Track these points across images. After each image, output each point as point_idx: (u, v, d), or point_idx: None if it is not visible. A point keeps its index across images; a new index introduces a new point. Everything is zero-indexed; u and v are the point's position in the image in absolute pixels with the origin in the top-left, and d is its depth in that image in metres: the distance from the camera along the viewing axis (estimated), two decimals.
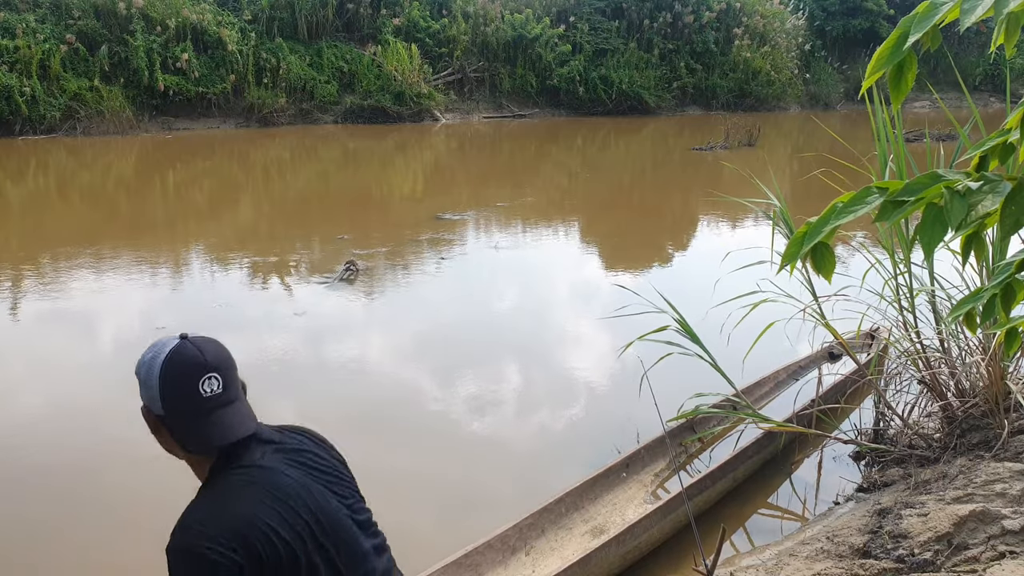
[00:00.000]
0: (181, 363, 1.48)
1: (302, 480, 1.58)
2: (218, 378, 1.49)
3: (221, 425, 1.48)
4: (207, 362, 1.49)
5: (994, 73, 25.66)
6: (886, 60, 1.20)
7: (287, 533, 1.47)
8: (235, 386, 1.55)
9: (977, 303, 1.33)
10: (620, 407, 4.56)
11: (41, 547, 3.48)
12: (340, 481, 1.68)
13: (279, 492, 1.52)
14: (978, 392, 3.80)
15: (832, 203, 1.23)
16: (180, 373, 1.47)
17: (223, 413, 1.49)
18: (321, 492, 1.59)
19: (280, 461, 1.58)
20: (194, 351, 1.50)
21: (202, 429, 1.47)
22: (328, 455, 1.71)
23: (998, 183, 1.16)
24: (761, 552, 3.38)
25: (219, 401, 1.49)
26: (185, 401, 1.46)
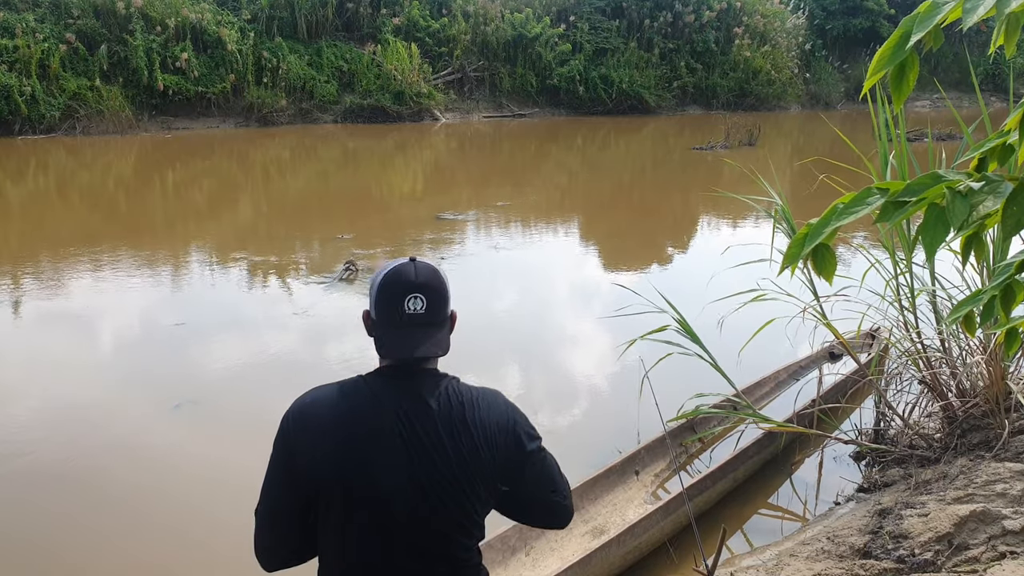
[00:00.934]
0: (396, 279, 1.59)
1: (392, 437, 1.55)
2: (423, 299, 1.58)
3: (405, 341, 1.57)
4: (417, 283, 1.59)
5: (995, 72, 25.65)
6: (888, 60, 1.20)
7: (327, 459, 1.55)
8: (437, 312, 1.61)
9: (977, 304, 1.33)
10: (620, 407, 4.55)
11: (48, 545, 3.48)
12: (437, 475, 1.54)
13: (359, 425, 1.56)
14: (979, 392, 3.80)
15: (833, 204, 1.22)
16: (393, 286, 1.59)
17: (414, 332, 1.58)
18: (402, 465, 1.54)
19: (404, 401, 1.57)
20: (411, 272, 1.60)
21: (391, 339, 1.59)
22: (459, 451, 1.56)
23: (999, 184, 1.15)
24: (761, 552, 3.38)
25: (417, 320, 1.58)
26: (389, 312, 1.59)
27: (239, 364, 5.38)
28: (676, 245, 9.26)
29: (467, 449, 1.56)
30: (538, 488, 1.68)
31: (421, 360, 1.60)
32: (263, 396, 4.93)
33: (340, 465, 1.54)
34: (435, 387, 1.61)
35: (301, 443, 1.57)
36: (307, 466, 1.55)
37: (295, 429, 1.59)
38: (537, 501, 1.70)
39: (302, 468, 1.56)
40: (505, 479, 1.61)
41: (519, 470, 1.62)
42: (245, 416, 4.66)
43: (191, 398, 4.80)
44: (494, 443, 1.58)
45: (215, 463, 4.15)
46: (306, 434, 1.57)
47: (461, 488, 1.55)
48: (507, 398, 1.68)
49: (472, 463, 1.56)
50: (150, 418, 4.58)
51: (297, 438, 1.58)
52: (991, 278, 1.53)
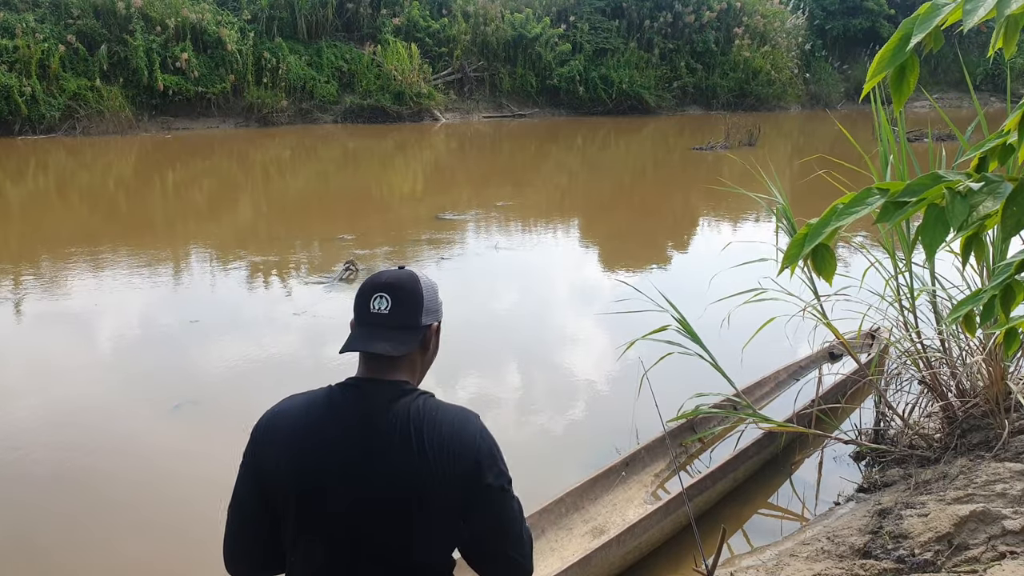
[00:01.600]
0: (370, 280, 1.62)
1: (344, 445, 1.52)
2: (387, 299, 1.57)
3: (363, 337, 1.56)
4: (383, 283, 1.59)
5: (994, 73, 25.64)
6: (888, 62, 1.20)
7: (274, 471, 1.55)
8: (406, 317, 1.57)
9: (976, 304, 1.33)
10: (620, 407, 4.55)
11: (48, 544, 3.48)
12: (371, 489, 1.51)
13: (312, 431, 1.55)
14: (979, 392, 3.80)
15: (833, 204, 1.23)
16: (365, 286, 1.61)
17: (373, 330, 1.56)
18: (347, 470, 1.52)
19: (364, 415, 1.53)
20: (385, 274, 1.61)
21: (353, 334, 1.58)
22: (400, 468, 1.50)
23: (999, 184, 1.15)
24: (761, 552, 3.38)
25: (379, 320, 1.56)
26: (358, 310, 1.59)
27: (239, 364, 5.39)
28: (676, 245, 9.27)
29: (419, 470, 1.48)
30: (493, 533, 1.55)
31: (386, 365, 1.56)
32: (263, 396, 4.90)
33: (295, 477, 1.52)
34: (400, 402, 1.54)
35: (266, 453, 1.57)
36: (269, 476, 1.55)
37: (262, 440, 1.59)
38: (490, 550, 1.57)
39: (265, 478, 1.56)
40: (462, 511, 1.52)
41: (474, 505, 1.52)
42: (245, 416, 4.64)
43: (191, 398, 4.81)
44: (450, 470, 1.49)
45: (215, 463, 4.15)
46: (271, 445, 1.56)
47: (409, 510, 1.49)
48: (482, 426, 1.57)
49: (423, 486, 1.48)
50: (150, 418, 4.59)
51: (263, 448, 1.58)
52: (991, 278, 1.53)
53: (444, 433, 1.51)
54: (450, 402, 1.61)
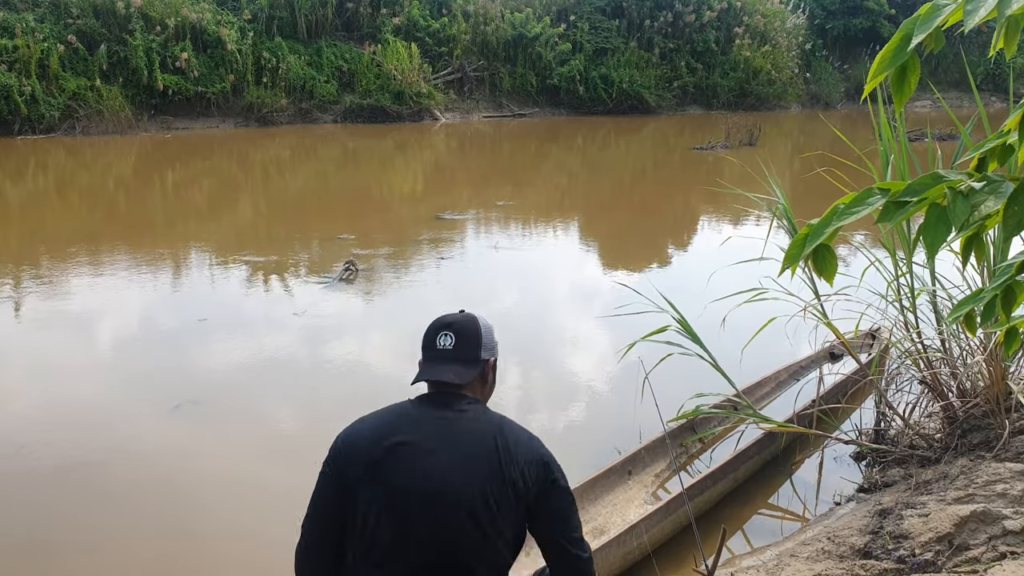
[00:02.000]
0: (436, 321, 1.91)
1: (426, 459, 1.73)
2: (452, 336, 1.85)
3: (430, 369, 1.84)
4: (446, 322, 1.88)
5: (995, 72, 25.64)
6: (888, 62, 1.19)
7: (358, 467, 1.75)
8: (466, 353, 1.85)
9: (977, 304, 1.33)
10: (620, 407, 4.55)
11: (49, 542, 3.48)
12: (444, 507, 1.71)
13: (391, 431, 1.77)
14: (979, 392, 3.80)
15: (833, 204, 1.22)
16: (431, 326, 1.90)
17: (440, 363, 1.83)
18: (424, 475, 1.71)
19: (441, 422, 1.77)
20: (449, 315, 1.92)
21: (423, 367, 1.86)
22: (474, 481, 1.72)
23: (1000, 184, 1.15)
24: (762, 553, 3.38)
25: (445, 354, 1.84)
26: (426, 347, 1.89)
27: (239, 364, 5.38)
28: (676, 245, 9.26)
29: (495, 471, 1.71)
30: (560, 525, 1.80)
31: (451, 388, 1.81)
32: (263, 396, 4.93)
33: (375, 472, 1.72)
34: (471, 408, 1.80)
35: (347, 460, 1.76)
36: (351, 479, 1.73)
37: (343, 449, 1.79)
38: (555, 542, 1.81)
39: (346, 483, 1.74)
40: (530, 508, 1.76)
41: (544, 502, 1.77)
42: (245, 416, 4.67)
43: (191, 398, 4.80)
44: (524, 471, 1.73)
45: (215, 462, 4.15)
46: (352, 451, 1.77)
47: (482, 500, 1.69)
48: (547, 448, 1.85)
49: (497, 484, 1.71)
50: (150, 418, 4.58)
51: (344, 456, 1.78)
52: (991, 278, 1.53)
53: (519, 441, 1.78)
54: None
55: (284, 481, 3.95)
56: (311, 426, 4.54)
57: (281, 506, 3.76)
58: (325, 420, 4.64)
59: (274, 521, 3.67)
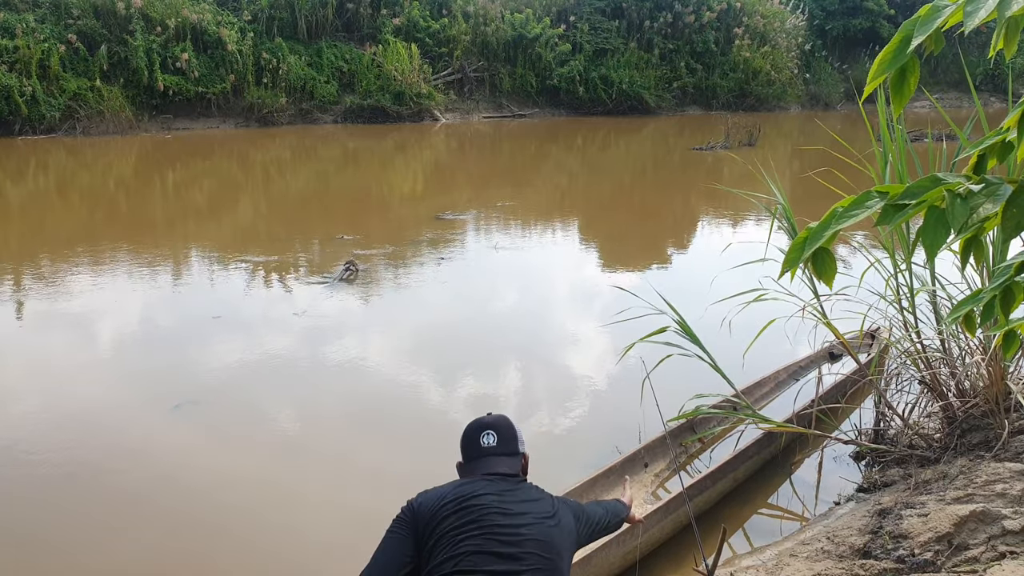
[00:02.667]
0: (475, 423, 2.32)
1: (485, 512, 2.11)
2: (494, 434, 2.26)
3: (487, 463, 2.22)
4: (487, 423, 2.30)
5: (994, 73, 25.65)
6: (888, 64, 1.20)
7: (439, 505, 2.11)
8: (508, 445, 2.26)
9: (976, 305, 1.33)
10: (620, 407, 4.55)
11: (50, 541, 3.49)
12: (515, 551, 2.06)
13: (463, 492, 2.14)
14: (978, 392, 3.80)
15: (832, 207, 1.23)
16: (473, 428, 2.31)
17: (490, 459, 2.23)
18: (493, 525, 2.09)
19: (500, 486, 2.17)
20: (482, 418, 2.32)
21: (476, 465, 2.24)
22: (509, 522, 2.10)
23: (999, 186, 1.16)
24: (761, 552, 3.39)
25: (491, 451, 2.24)
26: (471, 447, 2.28)
27: (239, 364, 5.39)
28: (676, 246, 9.27)
29: (553, 512, 2.16)
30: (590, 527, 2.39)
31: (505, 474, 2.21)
32: (263, 395, 4.93)
33: (456, 505, 2.08)
34: (522, 483, 2.23)
35: (423, 504, 2.12)
36: (428, 515, 2.09)
37: (418, 501, 2.15)
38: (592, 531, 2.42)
39: (423, 520, 2.08)
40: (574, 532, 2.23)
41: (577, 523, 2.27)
42: (245, 415, 4.67)
43: (191, 398, 4.81)
44: (560, 514, 2.19)
45: (215, 462, 4.16)
46: (426, 502, 2.13)
47: (549, 532, 2.10)
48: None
49: (556, 522, 2.15)
50: (150, 418, 4.59)
51: (419, 504, 2.13)
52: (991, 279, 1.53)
53: (550, 497, 2.26)
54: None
55: (284, 481, 3.96)
56: (311, 426, 4.55)
57: (281, 504, 3.77)
58: (326, 419, 4.66)
59: (274, 520, 3.67)
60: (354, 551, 2.43)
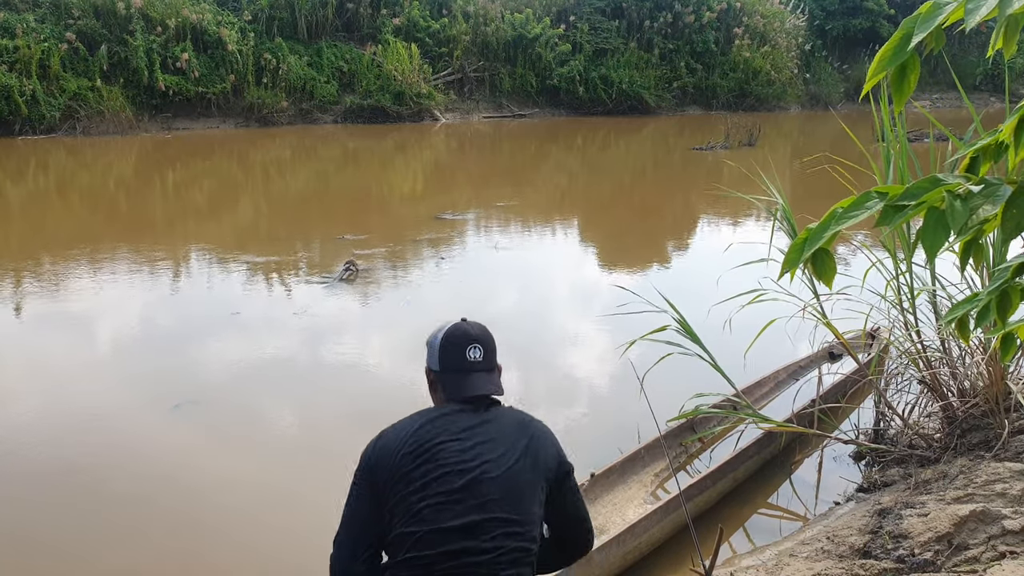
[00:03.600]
0: (457, 333, 2.00)
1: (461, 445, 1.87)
2: (481, 349, 1.98)
3: (473, 383, 1.95)
4: (474, 336, 1.99)
5: (994, 73, 25.66)
6: (888, 61, 1.20)
7: (397, 458, 1.87)
8: (491, 361, 2.00)
9: (973, 308, 1.33)
10: (620, 407, 4.56)
11: (51, 541, 3.48)
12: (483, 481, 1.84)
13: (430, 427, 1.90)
14: (978, 392, 3.80)
15: (832, 208, 1.23)
16: (456, 340, 1.99)
17: (478, 376, 1.96)
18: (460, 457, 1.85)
19: (471, 417, 1.92)
20: (466, 328, 2.00)
21: (458, 382, 1.96)
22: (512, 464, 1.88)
23: (998, 187, 1.15)
24: (761, 552, 3.38)
25: (478, 366, 1.97)
26: (455, 361, 1.97)
27: (239, 364, 5.39)
28: (676, 245, 9.27)
29: (522, 453, 1.89)
30: (572, 506, 2.03)
31: (484, 397, 1.96)
32: (263, 395, 4.93)
33: (410, 459, 1.84)
34: (495, 407, 1.98)
35: (380, 459, 1.88)
36: (387, 474, 1.85)
37: (374, 453, 1.91)
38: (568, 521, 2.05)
39: (382, 479, 1.85)
40: (549, 486, 1.94)
41: (560, 482, 1.97)
42: (245, 415, 4.67)
43: (191, 398, 4.81)
44: (546, 454, 1.94)
45: (215, 462, 4.16)
46: (384, 451, 1.89)
47: (516, 485, 1.85)
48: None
49: (525, 464, 1.88)
50: (150, 418, 4.59)
51: (376, 459, 1.89)
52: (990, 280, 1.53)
53: (538, 429, 1.98)
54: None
55: (284, 481, 3.96)
56: (311, 426, 4.55)
57: (281, 505, 3.77)
58: (325, 419, 4.66)
59: (274, 520, 3.67)
60: None
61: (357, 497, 1.89)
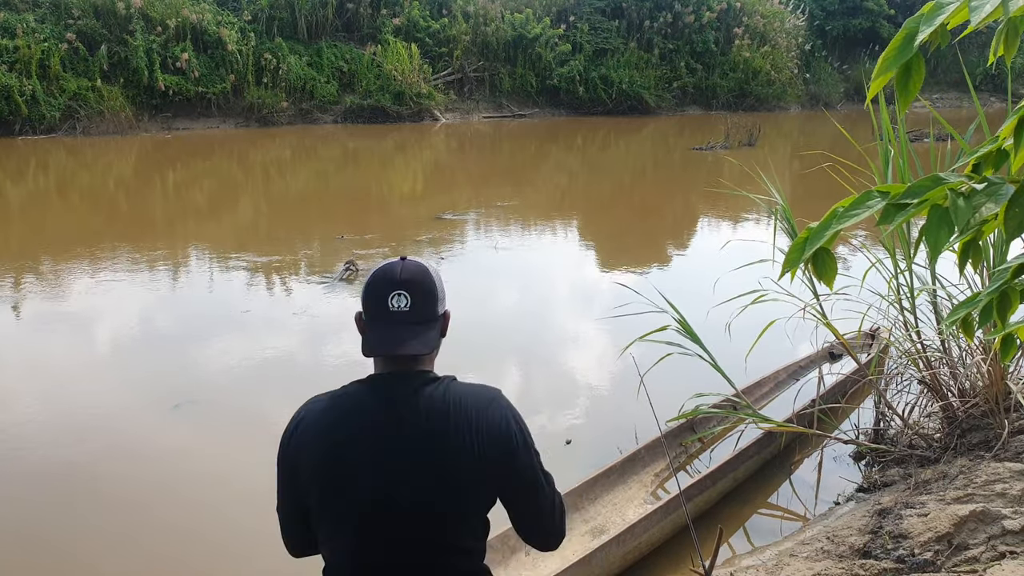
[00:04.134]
0: (382, 276, 1.59)
1: (381, 434, 1.55)
2: (407, 296, 1.56)
3: (388, 336, 1.56)
4: (400, 280, 1.57)
5: (994, 73, 25.64)
6: (893, 60, 1.19)
7: (307, 461, 1.58)
8: (423, 311, 1.58)
9: (974, 309, 1.33)
10: (621, 407, 4.56)
11: (51, 541, 3.48)
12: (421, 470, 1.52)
13: (343, 425, 1.57)
14: (978, 392, 3.80)
15: (833, 207, 1.23)
16: (378, 283, 1.59)
17: (397, 329, 1.56)
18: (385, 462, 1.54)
19: (389, 406, 1.56)
20: (396, 269, 1.59)
21: (375, 336, 1.57)
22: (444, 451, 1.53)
23: (1000, 186, 1.15)
24: (761, 552, 3.39)
25: (399, 318, 1.56)
26: (374, 309, 1.58)
27: (238, 364, 5.39)
28: (676, 246, 9.27)
29: (450, 456, 1.53)
30: (527, 504, 1.63)
31: (408, 359, 1.59)
32: (262, 395, 4.93)
33: (324, 474, 1.56)
34: (426, 391, 1.58)
35: (296, 456, 1.60)
36: (301, 474, 1.59)
37: (292, 443, 1.61)
38: (528, 522, 1.67)
39: (297, 478, 1.60)
40: (494, 489, 1.59)
41: (509, 485, 1.59)
42: (245, 415, 4.67)
43: (191, 398, 4.81)
44: (482, 452, 1.53)
45: (215, 462, 4.16)
46: (300, 447, 1.60)
47: (442, 494, 1.53)
48: (508, 404, 1.62)
49: (455, 470, 1.53)
50: (150, 418, 4.59)
51: (293, 452, 1.61)
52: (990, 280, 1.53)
53: (473, 416, 1.55)
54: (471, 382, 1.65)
55: None
56: None
57: None
58: None
59: (273, 519, 3.67)
60: None
61: (281, 495, 1.70)
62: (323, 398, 1.63)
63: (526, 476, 1.60)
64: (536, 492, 1.62)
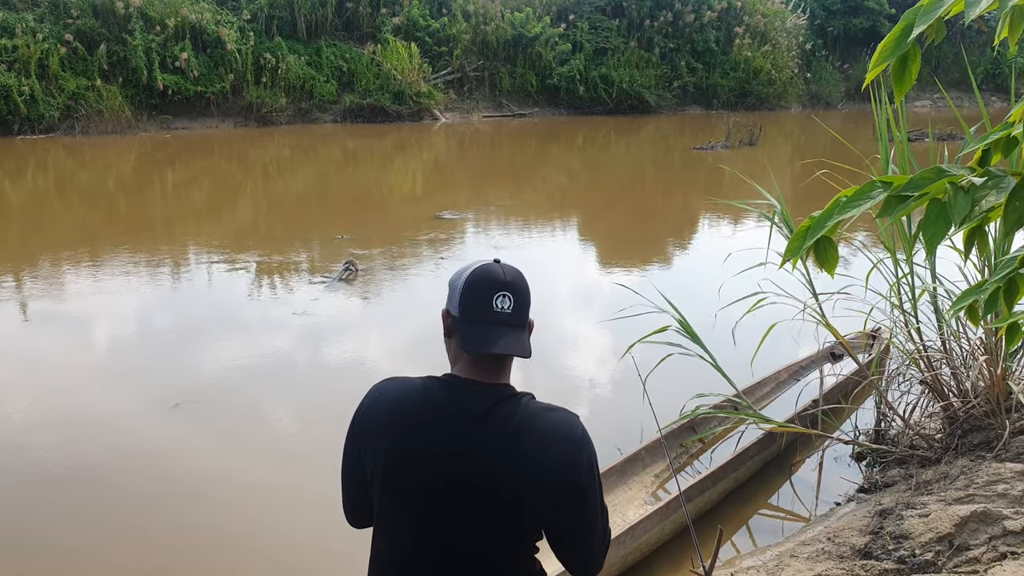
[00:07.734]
0: (486, 276, 1.59)
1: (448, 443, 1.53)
2: (511, 298, 1.58)
3: (489, 335, 1.56)
4: (505, 282, 1.59)
5: (995, 72, 25.67)
6: (890, 52, 1.18)
7: (378, 446, 1.56)
8: (523, 315, 1.61)
9: (980, 296, 1.31)
10: (621, 407, 4.54)
11: (52, 541, 3.47)
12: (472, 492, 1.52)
13: (414, 418, 1.56)
14: (979, 393, 3.78)
15: (835, 197, 1.21)
16: (483, 283, 1.58)
17: (499, 329, 1.57)
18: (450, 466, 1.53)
19: (459, 407, 1.56)
20: (500, 271, 1.60)
21: (476, 333, 1.56)
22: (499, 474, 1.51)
23: (1002, 179, 1.13)
24: (762, 553, 3.36)
25: (503, 319, 1.57)
26: (477, 308, 1.57)
27: (238, 363, 5.37)
28: (677, 246, 9.25)
29: (518, 476, 1.50)
30: (572, 541, 1.62)
31: (496, 368, 1.61)
32: (262, 395, 4.92)
33: (385, 458, 1.54)
34: (503, 406, 1.57)
35: (362, 433, 1.59)
36: (363, 455, 1.58)
37: (363, 419, 1.61)
38: (569, 552, 1.65)
39: (363, 453, 1.58)
40: (548, 514, 1.56)
41: (568, 513, 1.57)
42: (244, 415, 4.65)
43: (191, 397, 4.79)
44: (543, 478, 1.51)
45: (215, 461, 4.14)
46: (368, 426, 1.59)
47: (501, 511, 1.52)
48: (584, 433, 1.57)
49: (520, 492, 1.51)
50: (150, 417, 4.57)
51: (360, 428, 1.60)
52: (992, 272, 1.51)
53: (544, 439, 1.53)
54: (549, 403, 1.62)
55: (283, 481, 3.94)
56: (310, 425, 4.53)
57: (281, 504, 3.75)
58: (325, 419, 4.63)
59: (273, 519, 3.65)
60: (353, 551, 2.40)
61: (346, 474, 1.65)
62: (398, 383, 1.63)
63: (582, 523, 1.60)
64: (587, 535, 1.62)
